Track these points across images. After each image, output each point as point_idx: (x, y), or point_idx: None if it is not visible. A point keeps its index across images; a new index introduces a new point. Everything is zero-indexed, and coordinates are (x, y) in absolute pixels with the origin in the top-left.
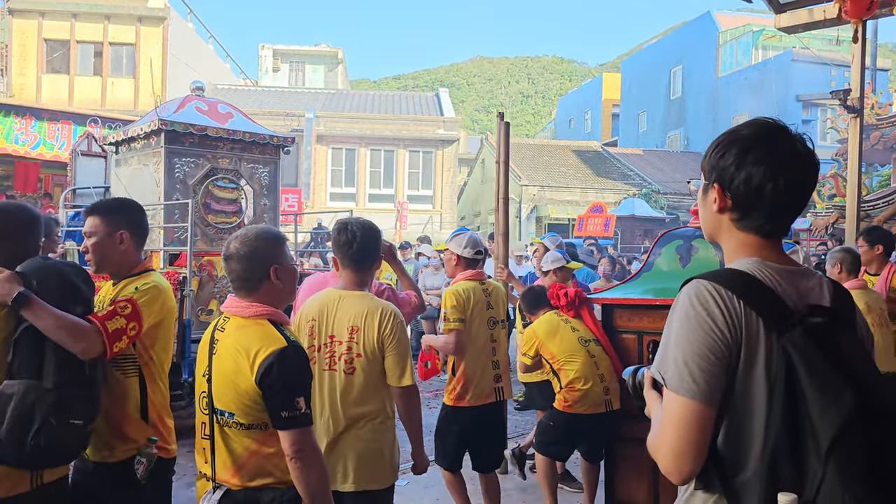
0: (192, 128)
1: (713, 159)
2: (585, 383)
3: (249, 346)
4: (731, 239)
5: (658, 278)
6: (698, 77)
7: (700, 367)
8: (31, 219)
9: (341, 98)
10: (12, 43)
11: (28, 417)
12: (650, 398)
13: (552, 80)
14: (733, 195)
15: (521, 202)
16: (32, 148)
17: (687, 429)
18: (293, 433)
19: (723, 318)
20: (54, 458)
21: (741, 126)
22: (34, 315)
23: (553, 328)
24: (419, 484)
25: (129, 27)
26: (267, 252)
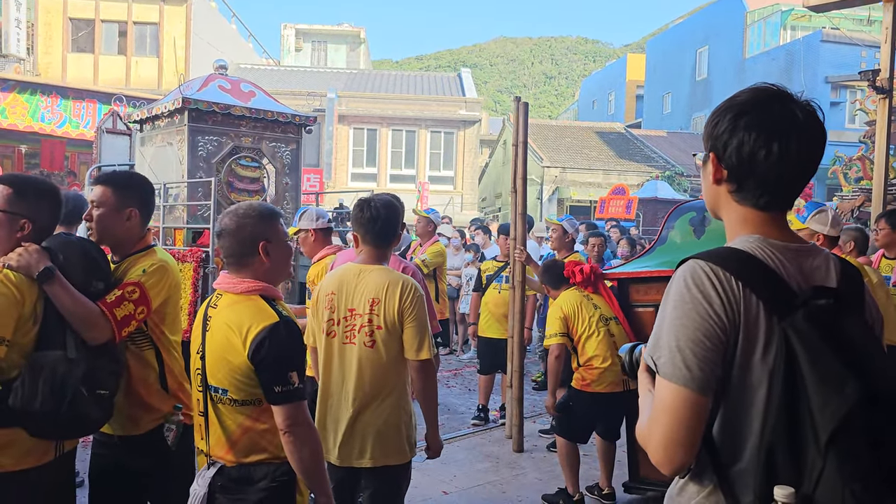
0: (216, 106)
1: (709, 127)
2: (604, 362)
3: (241, 322)
4: (731, 213)
5: (672, 251)
6: (725, 58)
7: (694, 354)
8: (56, 195)
9: (363, 78)
10: (38, 22)
11: (60, 388)
12: (642, 381)
13: (576, 61)
14: (727, 165)
15: (542, 184)
16: (58, 126)
17: (679, 418)
18: (286, 408)
19: (719, 300)
20: (83, 428)
21: (740, 92)
22: (54, 292)
23: (577, 305)
24: (438, 460)
25: (153, 6)
26: (256, 228)
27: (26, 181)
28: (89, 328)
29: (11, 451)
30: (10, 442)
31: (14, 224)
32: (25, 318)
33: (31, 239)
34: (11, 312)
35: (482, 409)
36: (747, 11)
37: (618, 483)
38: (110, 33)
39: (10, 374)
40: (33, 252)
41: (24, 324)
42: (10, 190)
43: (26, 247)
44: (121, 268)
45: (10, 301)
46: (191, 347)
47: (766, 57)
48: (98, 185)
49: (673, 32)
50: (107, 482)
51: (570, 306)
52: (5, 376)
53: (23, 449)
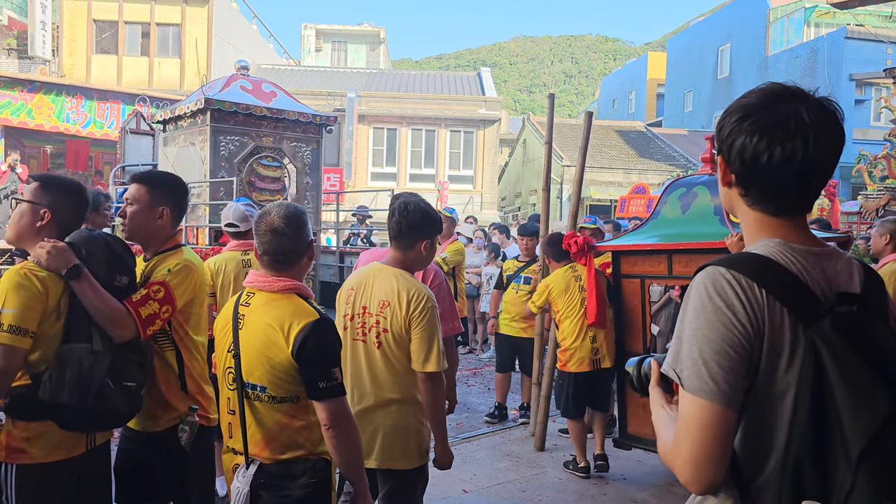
0: (238, 107)
1: (717, 128)
2: (574, 341)
3: (282, 319)
4: (746, 217)
5: (662, 225)
6: (747, 55)
7: (720, 365)
8: (81, 192)
9: (383, 78)
10: (63, 24)
11: (87, 381)
12: (655, 397)
13: (596, 60)
14: (733, 168)
15: (562, 183)
16: (83, 126)
17: (708, 434)
18: (330, 403)
19: (743, 309)
20: (112, 420)
21: (749, 92)
22: (81, 289)
23: (565, 285)
24: (458, 458)
25: (175, 7)
26: (308, 229)
27: (52, 178)
28: (114, 325)
29: (42, 442)
30: (40, 434)
31: (36, 213)
32: (50, 312)
33: (55, 232)
34: (36, 306)
35: (499, 407)
36: (770, 8)
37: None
38: (133, 35)
39: (39, 368)
40: (61, 250)
41: (49, 317)
42: (37, 183)
43: (54, 244)
44: (149, 266)
45: (34, 295)
46: (216, 346)
47: (790, 54)
48: (133, 182)
49: (694, 30)
50: (130, 477)
51: (558, 287)
52: (34, 370)
53: (53, 441)
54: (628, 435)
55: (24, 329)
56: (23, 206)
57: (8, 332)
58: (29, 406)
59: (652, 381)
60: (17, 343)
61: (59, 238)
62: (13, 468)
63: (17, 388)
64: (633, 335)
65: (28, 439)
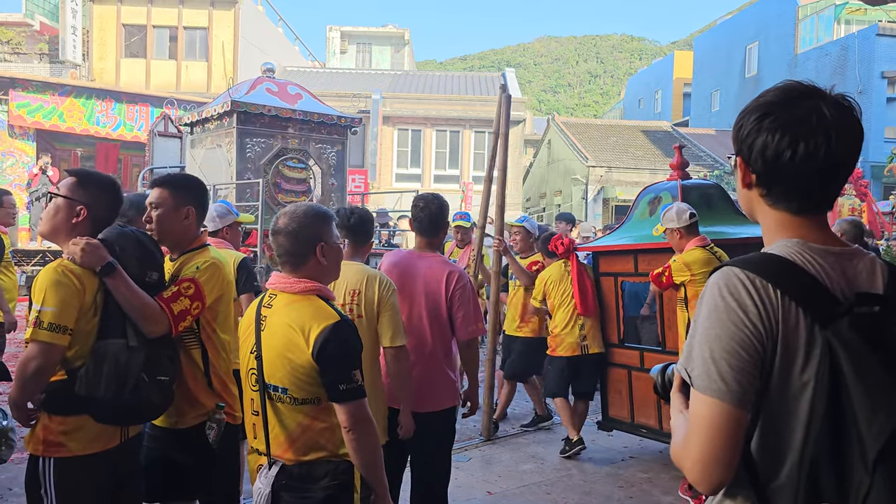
0: (263, 109)
1: (734, 129)
2: (564, 328)
3: (303, 321)
4: (766, 218)
5: (633, 228)
6: (776, 54)
7: (730, 366)
8: (116, 189)
9: (407, 79)
10: (93, 28)
11: (123, 375)
12: (675, 402)
13: (621, 59)
14: (754, 168)
15: (587, 183)
16: (113, 129)
17: (716, 434)
18: (350, 405)
19: (756, 309)
20: (147, 413)
21: (766, 91)
22: (115, 286)
23: (559, 278)
24: (482, 459)
25: (202, 11)
26: (314, 230)
27: (89, 174)
28: (147, 321)
29: (79, 435)
30: (77, 427)
31: (72, 209)
32: (86, 309)
33: (89, 228)
34: (73, 303)
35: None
36: (799, 6)
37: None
38: (161, 38)
39: (75, 364)
40: (95, 246)
41: (86, 314)
42: (74, 179)
43: (88, 241)
44: (176, 265)
45: (72, 292)
46: (241, 347)
47: (819, 52)
48: (156, 186)
49: (722, 28)
50: (156, 473)
51: (552, 280)
52: (70, 365)
53: (90, 434)
54: (609, 418)
55: (64, 326)
56: (59, 201)
57: (48, 329)
58: (65, 400)
59: (674, 386)
60: (57, 341)
61: (93, 234)
62: (51, 462)
63: (54, 383)
64: (610, 327)
65: (65, 433)
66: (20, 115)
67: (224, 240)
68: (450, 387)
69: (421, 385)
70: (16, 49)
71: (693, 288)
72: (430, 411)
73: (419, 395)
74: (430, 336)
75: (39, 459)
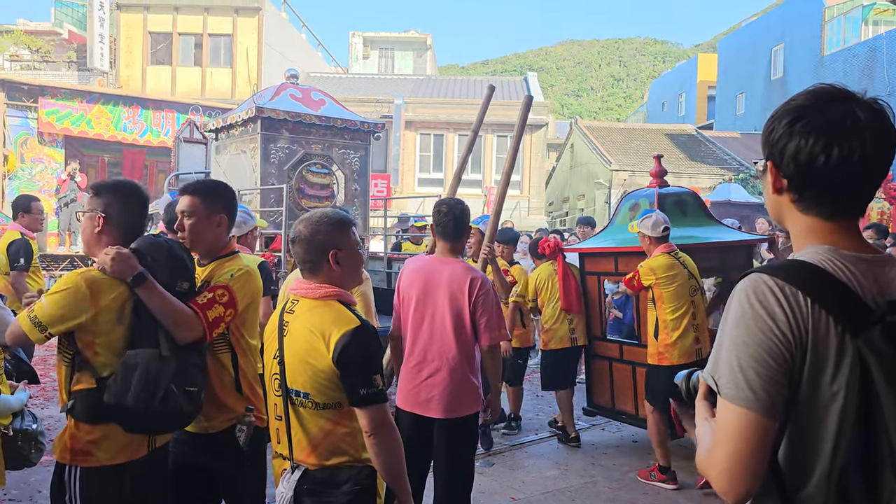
0: (287, 115)
1: (764, 134)
2: (554, 323)
3: (323, 326)
4: (796, 223)
5: (616, 231)
6: (802, 56)
7: (758, 374)
8: (135, 192)
9: (430, 84)
10: (120, 36)
11: (153, 385)
12: (700, 409)
13: (644, 62)
14: (786, 173)
15: (611, 187)
16: (140, 135)
17: (743, 443)
18: (371, 410)
19: (785, 317)
20: (176, 423)
21: (797, 95)
22: (147, 295)
23: (547, 277)
24: (506, 465)
25: (227, 18)
26: (327, 237)
27: (104, 183)
28: (180, 328)
29: (107, 444)
30: (105, 436)
31: (93, 220)
32: (106, 319)
33: (116, 235)
34: (72, 312)
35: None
36: (825, 7)
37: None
38: (187, 46)
39: (104, 372)
40: (125, 256)
41: (106, 324)
42: (91, 192)
43: (118, 251)
44: (207, 271)
45: (76, 302)
46: (265, 352)
47: (847, 54)
48: (186, 195)
49: (746, 30)
50: (184, 478)
51: (541, 279)
52: (99, 374)
53: (118, 444)
54: (594, 404)
55: (44, 326)
56: (84, 217)
57: (31, 320)
58: (94, 409)
59: (699, 394)
60: (31, 334)
61: (122, 242)
62: (77, 470)
63: (82, 392)
64: (594, 322)
65: (93, 442)
66: (49, 122)
67: (244, 245)
68: (473, 393)
69: (445, 391)
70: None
71: (658, 290)
72: (453, 417)
73: (443, 402)
74: (454, 341)
75: (66, 467)
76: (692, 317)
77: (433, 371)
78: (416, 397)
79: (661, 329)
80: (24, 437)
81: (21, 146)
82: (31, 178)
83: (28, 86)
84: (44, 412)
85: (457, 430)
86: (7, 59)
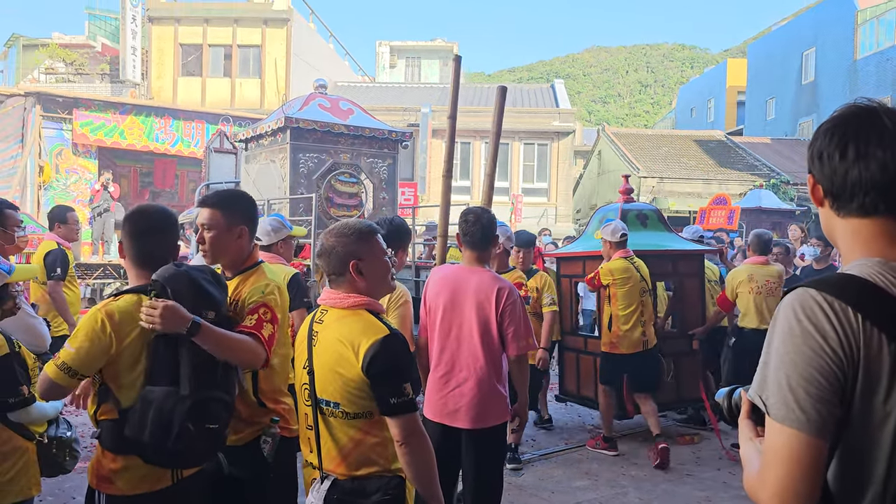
0: (316, 124)
1: (808, 148)
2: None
3: (352, 336)
4: (843, 235)
5: (586, 240)
6: (834, 60)
7: (808, 393)
8: (170, 220)
9: None
10: (151, 49)
11: (167, 423)
12: (744, 429)
13: (672, 68)
14: (828, 184)
15: (639, 194)
16: (171, 146)
17: (795, 466)
18: (402, 419)
19: (835, 334)
20: (192, 460)
21: (839, 109)
22: (204, 340)
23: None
24: (535, 475)
25: (256, 29)
26: (347, 248)
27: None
28: (245, 358)
29: (127, 475)
30: (126, 467)
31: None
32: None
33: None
34: (97, 354)
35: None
36: (858, 10)
37: None
38: (216, 57)
39: (125, 405)
40: (174, 310)
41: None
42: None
43: (166, 305)
44: (231, 287)
45: (99, 344)
46: (295, 362)
47: (880, 57)
48: (205, 207)
49: (777, 35)
50: (211, 490)
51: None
52: (121, 406)
53: (138, 475)
54: (564, 391)
55: (74, 371)
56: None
57: (60, 368)
58: (116, 440)
59: (742, 412)
60: (61, 381)
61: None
62: (103, 497)
63: (107, 421)
64: (565, 319)
65: (115, 471)
66: (83, 133)
67: (277, 254)
68: (500, 403)
69: (473, 401)
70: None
71: (614, 289)
72: (481, 427)
73: (471, 412)
74: (482, 351)
75: (95, 490)
76: (640, 314)
77: (461, 381)
78: (444, 408)
79: (613, 322)
80: (59, 444)
81: (56, 157)
82: (65, 188)
83: (63, 98)
84: (78, 419)
85: (485, 441)
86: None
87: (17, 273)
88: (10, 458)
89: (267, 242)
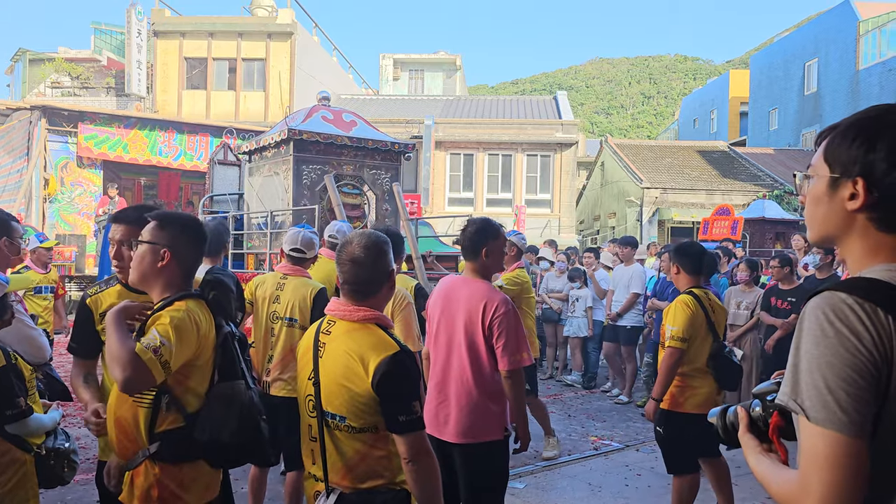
0: (319, 136)
1: (855, 150)
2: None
3: (362, 350)
4: (864, 241)
5: None
6: (836, 70)
7: (848, 394)
8: (198, 228)
9: (459, 104)
10: (156, 62)
11: (249, 416)
12: (749, 444)
13: (675, 80)
14: (882, 191)
15: (642, 205)
16: (174, 159)
17: (841, 471)
18: (410, 437)
19: (868, 335)
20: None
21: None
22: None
23: None
24: (537, 486)
25: (260, 43)
26: (389, 258)
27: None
28: None
29: (196, 487)
30: (193, 479)
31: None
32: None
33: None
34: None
35: None
36: (860, 21)
37: None
38: (221, 70)
39: (190, 409)
40: None
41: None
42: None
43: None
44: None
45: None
46: (298, 373)
47: (882, 67)
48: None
49: (779, 46)
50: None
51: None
52: (186, 411)
53: (203, 484)
54: None
55: (171, 367)
56: (143, 248)
57: (154, 355)
58: (182, 448)
59: (741, 427)
60: (159, 376)
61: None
62: None
63: (169, 432)
64: None
65: (182, 485)
66: (88, 146)
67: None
68: (490, 419)
69: (459, 414)
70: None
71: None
72: (469, 442)
73: (458, 425)
74: (468, 364)
75: None
76: None
77: (449, 393)
78: (435, 419)
79: None
80: (57, 455)
81: (61, 170)
82: (70, 201)
83: (68, 111)
84: (76, 431)
85: (473, 457)
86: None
87: (12, 283)
88: (8, 471)
89: (310, 256)
